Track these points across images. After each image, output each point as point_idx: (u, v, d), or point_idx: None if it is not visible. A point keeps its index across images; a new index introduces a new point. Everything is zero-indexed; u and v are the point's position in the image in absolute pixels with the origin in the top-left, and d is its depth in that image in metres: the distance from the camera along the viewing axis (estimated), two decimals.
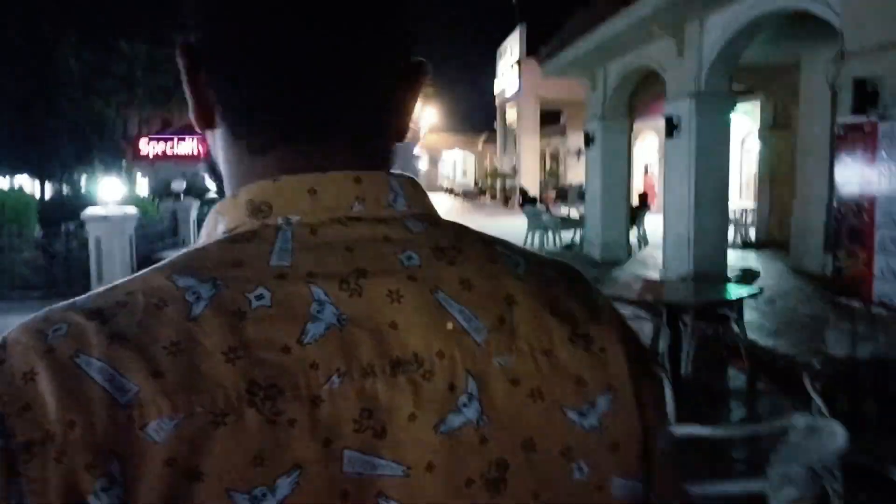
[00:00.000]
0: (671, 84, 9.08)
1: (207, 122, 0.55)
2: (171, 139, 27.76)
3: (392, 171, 0.55)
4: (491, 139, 50.51)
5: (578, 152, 37.36)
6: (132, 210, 9.80)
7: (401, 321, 0.48)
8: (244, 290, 0.46)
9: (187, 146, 28.65)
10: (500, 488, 0.47)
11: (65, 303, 0.48)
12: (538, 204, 16.86)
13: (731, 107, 8.51)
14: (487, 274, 0.52)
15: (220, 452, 0.42)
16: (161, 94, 36.44)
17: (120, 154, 25.61)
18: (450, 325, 0.49)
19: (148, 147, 26.61)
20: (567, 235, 15.29)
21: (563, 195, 33.71)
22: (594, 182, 12.76)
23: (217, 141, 0.56)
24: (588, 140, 12.73)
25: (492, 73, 40.84)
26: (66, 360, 0.43)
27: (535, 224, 15.40)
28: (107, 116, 26.52)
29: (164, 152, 27.27)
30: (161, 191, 22.36)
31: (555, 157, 38.11)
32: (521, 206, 17.17)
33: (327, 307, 0.46)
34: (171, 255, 0.51)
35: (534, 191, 32.23)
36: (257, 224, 0.50)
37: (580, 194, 32.94)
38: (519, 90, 32.03)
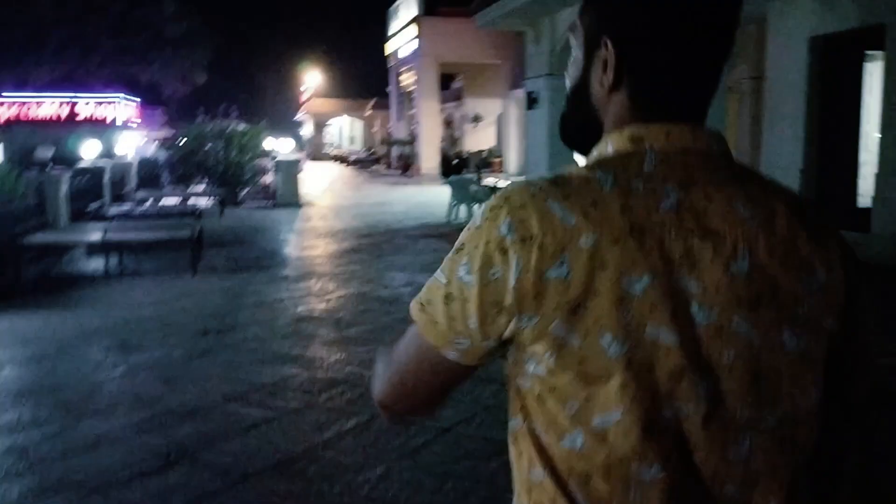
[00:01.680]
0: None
1: (615, 89, 0.93)
2: (28, 101, 24.42)
3: (707, 126, 0.93)
4: (381, 105, 48.51)
5: (475, 119, 36.38)
6: None
7: (710, 210, 0.85)
8: (629, 181, 0.85)
9: (49, 108, 25.29)
10: (757, 308, 0.84)
11: (532, 177, 0.91)
12: (465, 173, 15.09)
13: None
14: (760, 189, 0.90)
15: (616, 256, 0.81)
16: (12, 51, 32.14)
17: None
18: (739, 213, 0.86)
19: None
20: None
21: (464, 163, 32.50)
22: (538, 147, 11.43)
23: (612, 100, 0.93)
24: (532, 100, 11.37)
25: (381, 35, 38.85)
26: (541, 201, 0.84)
27: (461, 196, 13.97)
28: None
29: (18, 116, 23.90)
30: (21, 159, 19.28)
31: (449, 124, 36.72)
32: (445, 174, 15.50)
33: (672, 195, 0.85)
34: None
35: (433, 160, 30.82)
36: (634, 148, 0.89)
37: (483, 162, 31.96)
38: (417, 52, 30.30)
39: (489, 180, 14.45)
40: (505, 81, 30.46)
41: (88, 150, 16.58)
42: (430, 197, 19.71)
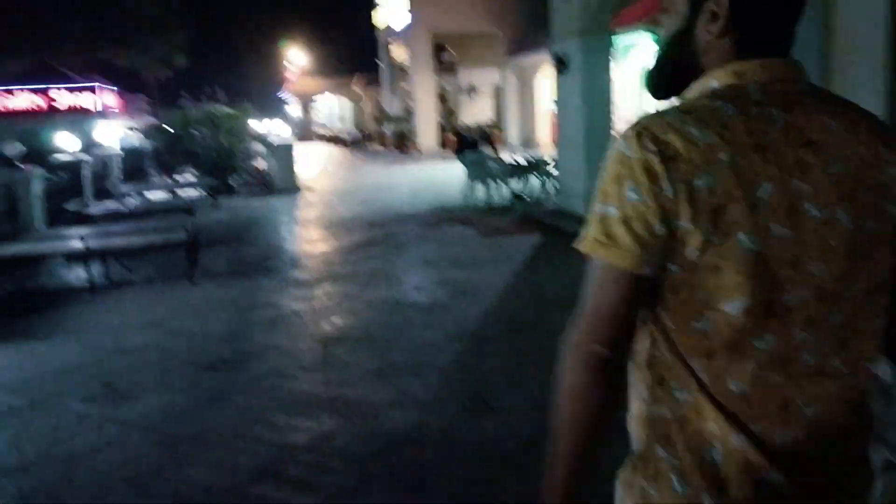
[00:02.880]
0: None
1: (723, 35, 1.09)
2: None
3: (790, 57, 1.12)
4: (371, 81, 46.90)
5: (470, 90, 34.91)
6: None
7: (809, 126, 1.04)
8: (747, 107, 1.03)
9: (22, 100, 23.68)
10: (852, 200, 1.03)
11: (661, 109, 1.07)
12: (480, 148, 13.77)
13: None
14: (843, 108, 1.09)
15: (747, 167, 0.99)
16: None
17: None
18: (831, 127, 1.05)
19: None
20: (515, 186, 12.73)
21: (482, 139, 31.04)
22: (571, 117, 10.15)
23: (715, 45, 1.11)
24: (561, 64, 10.06)
25: (365, 8, 37.17)
26: (680, 126, 1.01)
27: (478, 173, 12.71)
28: None
29: None
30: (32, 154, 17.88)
31: (443, 97, 35.19)
32: (458, 151, 14.23)
33: (780, 117, 1.03)
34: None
35: (431, 136, 29.40)
36: (738, 81, 1.07)
37: (483, 136, 30.54)
38: (411, 23, 28.77)
39: (505, 155, 13.17)
40: (502, 50, 29.06)
41: (66, 143, 15.17)
42: (436, 176, 18.49)
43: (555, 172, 11.91)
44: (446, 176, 18.37)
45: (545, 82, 28.21)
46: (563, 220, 9.92)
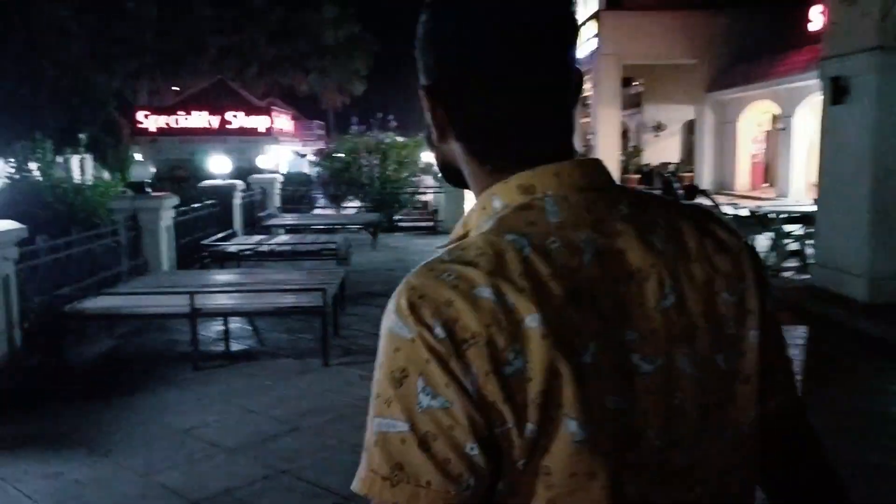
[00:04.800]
0: None
1: (442, 140, 0.83)
2: (177, 112, 22.81)
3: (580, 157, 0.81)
4: None
5: (657, 127, 31.85)
6: None
7: (627, 249, 0.75)
8: (544, 240, 0.73)
9: (199, 119, 23.63)
10: (693, 340, 0.76)
11: (432, 260, 0.74)
12: (706, 199, 10.82)
13: None
14: (663, 212, 0.81)
15: (563, 328, 0.69)
16: (172, 63, 31.43)
17: (114, 129, 20.50)
18: (653, 245, 0.77)
19: (147, 120, 21.60)
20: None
21: (647, 179, 28.12)
22: (849, 159, 7.39)
23: (456, 151, 0.83)
24: (839, 91, 7.34)
25: None
26: (467, 289, 0.69)
27: None
28: (98, 84, 21.49)
29: (168, 125, 22.32)
30: (167, 174, 17.26)
31: (623, 134, 32.29)
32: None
33: (589, 245, 0.74)
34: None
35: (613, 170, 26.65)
36: (527, 199, 0.77)
37: (668, 180, 27.49)
38: (597, 50, 26.35)
39: (728, 208, 10.45)
40: (700, 83, 26.00)
41: (220, 167, 14.10)
42: None
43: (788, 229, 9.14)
44: None
45: (749, 121, 24.81)
46: (830, 305, 7.12)
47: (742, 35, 24.05)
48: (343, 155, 16.53)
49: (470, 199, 0.85)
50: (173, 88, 30.05)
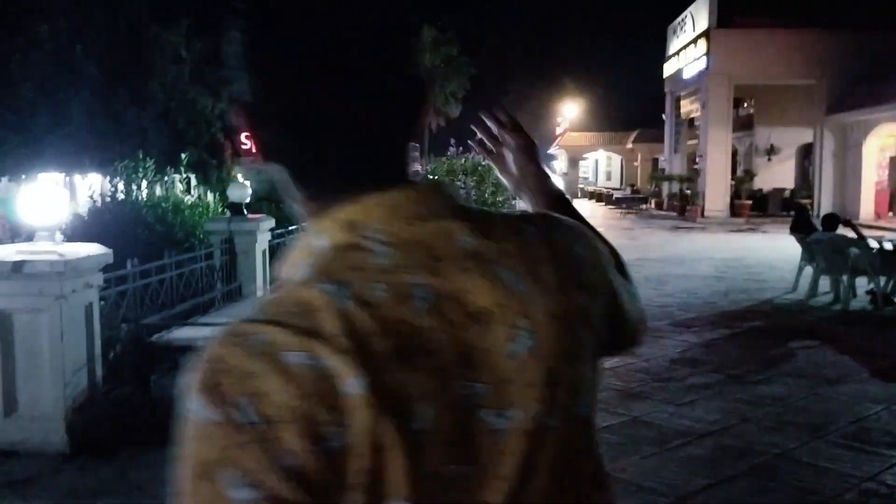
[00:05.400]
0: None
1: (267, 160, 0.71)
2: None
3: (416, 181, 0.70)
4: (644, 137, 43.79)
5: (769, 151, 30.11)
6: None
7: (471, 288, 0.65)
8: (371, 290, 0.62)
9: None
10: (554, 386, 0.66)
11: (240, 321, 0.62)
12: (850, 229, 9.58)
13: None
14: (511, 234, 0.70)
15: (390, 393, 0.59)
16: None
17: (218, 150, 20.77)
18: (502, 278, 0.67)
19: (250, 142, 21.93)
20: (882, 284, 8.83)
21: (760, 205, 26.53)
22: None
23: (280, 173, 0.72)
24: None
25: (648, 59, 33.99)
26: (274, 355, 0.58)
27: (834, 263, 9.03)
28: (204, 106, 21.91)
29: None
30: (271, 194, 17.24)
31: (733, 157, 30.63)
32: (795, 230, 10.52)
33: (424, 289, 0.63)
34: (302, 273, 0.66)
35: (720, 200, 25.21)
36: (353, 237, 0.65)
37: (784, 205, 25.79)
38: (707, 70, 25.10)
39: (872, 241, 9.32)
40: (819, 104, 24.37)
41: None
42: (734, 251, 15.22)
43: None
44: (748, 252, 14.99)
45: (873, 145, 23.01)
46: None
47: (866, 54, 22.39)
48: (439, 177, 16.18)
49: None
50: None
